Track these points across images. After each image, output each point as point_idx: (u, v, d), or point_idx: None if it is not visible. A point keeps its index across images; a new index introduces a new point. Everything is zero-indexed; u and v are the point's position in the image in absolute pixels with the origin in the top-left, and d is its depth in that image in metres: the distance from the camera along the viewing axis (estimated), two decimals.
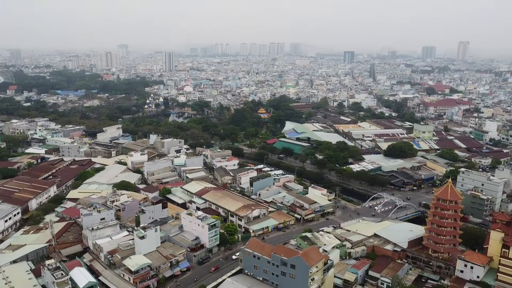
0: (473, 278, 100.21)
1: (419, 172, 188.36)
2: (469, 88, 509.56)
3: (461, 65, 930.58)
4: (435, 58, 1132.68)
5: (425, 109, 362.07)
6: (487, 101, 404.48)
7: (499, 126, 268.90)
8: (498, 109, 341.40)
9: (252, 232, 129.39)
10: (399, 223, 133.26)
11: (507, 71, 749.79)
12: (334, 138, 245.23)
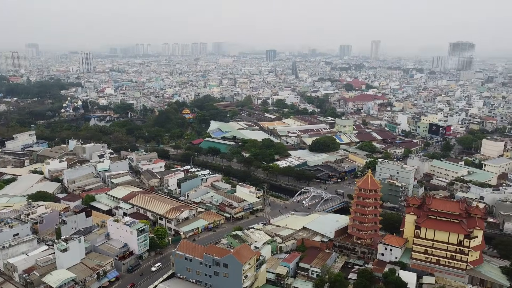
0: (392, 259, 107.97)
1: (342, 164, 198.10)
2: (382, 84, 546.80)
3: (375, 63, 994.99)
4: (351, 56, 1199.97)
5: (345, 104, 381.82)
6: (398, 95, 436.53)
7: (409, 118, 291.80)
8: (407, 103, 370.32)
9: (183, 234, 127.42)
10: (326, 215, 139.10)
11: (413, 68, 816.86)
12: (260, 135, 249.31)
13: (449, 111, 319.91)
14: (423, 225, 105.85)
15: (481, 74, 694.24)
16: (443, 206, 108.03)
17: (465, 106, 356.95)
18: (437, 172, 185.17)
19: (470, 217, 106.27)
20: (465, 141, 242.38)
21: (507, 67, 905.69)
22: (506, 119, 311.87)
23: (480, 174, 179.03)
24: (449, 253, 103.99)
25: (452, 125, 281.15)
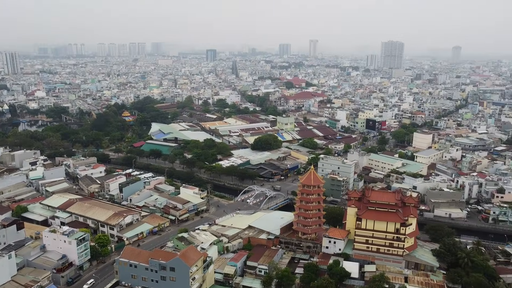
0: (336, 251, 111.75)
1: (285, 162, 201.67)
2: (321, 82, 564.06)
3: (313, 61, 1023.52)
4: (291, 55, 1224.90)
5: (285, 102, 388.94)
6: (336, 92, 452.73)
7: (347, 114, 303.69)
8: (345, 99, 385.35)
9: (126, 240, 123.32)
10: (271, 212, 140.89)
11: (349, 66, 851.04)
12: (202, 136, 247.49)
13: (384, 107, 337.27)
14: (363, 216, 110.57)
15: (410, 72, 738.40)
16: (381, 197, 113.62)
17: (398, 102, 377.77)
18: (374, 165, 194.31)
19: (405, 206, 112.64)
20: (399, 135, 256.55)
21: (432, 65, 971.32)
22: (433, 113, 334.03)
23: (413, 165, 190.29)
24: (388, 241, 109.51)
25: (387, 120, 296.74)
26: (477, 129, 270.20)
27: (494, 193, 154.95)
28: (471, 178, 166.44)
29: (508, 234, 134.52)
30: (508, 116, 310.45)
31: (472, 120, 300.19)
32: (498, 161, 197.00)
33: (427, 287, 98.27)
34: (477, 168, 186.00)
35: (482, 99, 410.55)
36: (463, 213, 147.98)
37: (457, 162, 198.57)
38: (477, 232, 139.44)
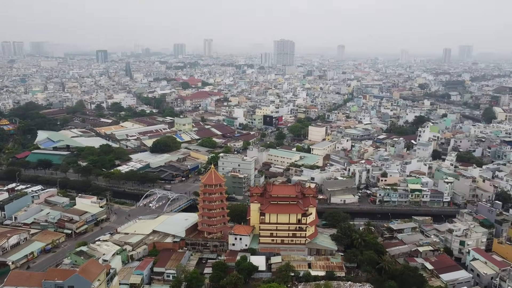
0: (243, 247, 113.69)
1: (185, 163, 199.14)
2: (217, 80, 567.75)
3: (209, 60, 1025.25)
4: (186, 55, 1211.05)
5: (182, 103, 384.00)
6: (233, 91, 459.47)
7: (245, 112, 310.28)
8: (242, 97, 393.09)
9: (12, 264, 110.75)
10: (175, 215, 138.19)
11: (244, 64, 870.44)
12: (97, 142, 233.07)
13: (279, 103, 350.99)
14: (266, 211, 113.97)
15: (302, 69, 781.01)
16: (282, 191, 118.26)
17: (292, 97, 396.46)
18: (274, 160, 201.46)
19: (305, 197, 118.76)
20: (295, 129, 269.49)
21: (321, 62, 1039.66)
22: (325, 107, 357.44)
23: (310, 158, 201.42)
24: (291, 232, 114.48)
25: (283, 115, 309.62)
26: (362, 120, 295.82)
27: (379, 177, 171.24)
28: (360, 166, 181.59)
29: (391, 213, 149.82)
30: (386, 108, 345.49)
31: (358, 112, 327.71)
32: (381, 148, 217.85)
33: (328, 269, 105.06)
34: (365, 156, 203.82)
35: (365, 93, 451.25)
36: (355, 198, 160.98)
37: (348, 152, 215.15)
38: (367, 214, 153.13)
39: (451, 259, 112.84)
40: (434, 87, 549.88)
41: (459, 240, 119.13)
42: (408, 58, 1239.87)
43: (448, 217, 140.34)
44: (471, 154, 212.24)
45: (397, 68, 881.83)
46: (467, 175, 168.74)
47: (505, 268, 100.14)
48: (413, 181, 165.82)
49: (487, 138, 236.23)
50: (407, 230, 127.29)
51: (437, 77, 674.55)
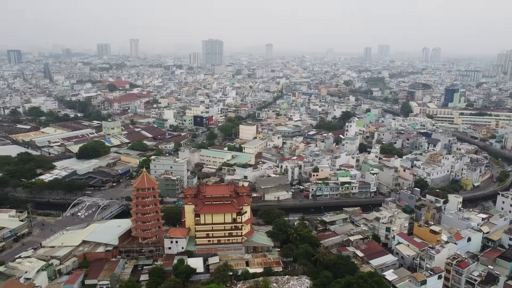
0: (180, 250, 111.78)
1: (115, 168, 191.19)
2: (146, 82, 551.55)
3: (136, 61, 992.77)
4: (111, 56, 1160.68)
5: (110, 106, 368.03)
6: (162, 92, 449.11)
7: (175, 113, 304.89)
8: (171, 98, 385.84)
9: None
10: (106, 222, 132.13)
11: (173, 65, 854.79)
12: (14, 150, 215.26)
13: (209, 103, 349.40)
14: (201, 212, 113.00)
15: (231, 68, 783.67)
16: (216, 191, 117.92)
17: (222, 97, 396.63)
18: (206, 160, 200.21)
19: (239, 196, 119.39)
20: (226, 129, 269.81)
21: (249, 61, 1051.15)
22: (255, 105, 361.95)
23: (242, 156, 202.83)
24: (227, 232, 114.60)
25: (214, 115, 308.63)
26: (292, 117, 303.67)
27: (311, 173, 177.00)
28: (292, 162, 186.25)
29: (324, 206, 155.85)
30: (315, 104, 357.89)
31: (288, 110, 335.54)
32: (311, 144, 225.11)
33: (266, 265, 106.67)
34: (296, 152, 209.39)
35: (294, 90, 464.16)
36: (289, 194, 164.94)
37: (280, 149, 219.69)
38: (301, 209, 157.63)
39: (379, 245, 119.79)
40: (358, 83, 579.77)
41: (385, 227, 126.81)
42: (333, 56, 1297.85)
43: (375, 206, 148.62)
44: (392, 146, 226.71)
45: (324, 66, 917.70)
46: (390, 166, 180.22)
47: (423, 248, 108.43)
48: (343, 174, 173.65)
49: (405, 131, 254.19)
50: (339, 221, 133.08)
51: (360, 74, 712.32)
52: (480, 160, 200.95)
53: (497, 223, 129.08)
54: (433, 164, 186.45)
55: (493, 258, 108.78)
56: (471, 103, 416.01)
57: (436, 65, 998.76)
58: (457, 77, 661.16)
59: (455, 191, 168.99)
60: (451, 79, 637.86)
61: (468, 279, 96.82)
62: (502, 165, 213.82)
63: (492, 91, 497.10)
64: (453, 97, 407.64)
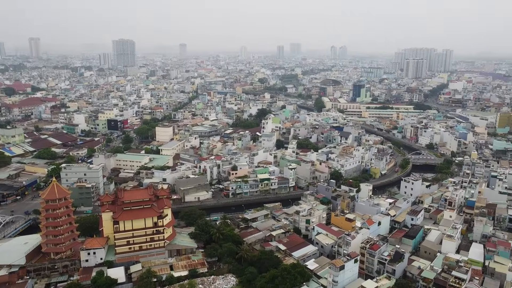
0: (98, 261, 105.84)
1: (19, 179, 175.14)
2: (51, 85, 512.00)
3: (38, 62, 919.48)
4: (7, 56, 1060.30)
5: (9, 112, 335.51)
6: (70, 95, 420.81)
7: (86, 117, 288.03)
8: (82, 102, 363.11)
9: None
10: (10, 241, 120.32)
11: (81, 66, 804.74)
12: None
13: (124, 106, 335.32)
14: (120, 218, 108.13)
15: (144, 69, 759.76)
16: (134, 196, 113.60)
17: (136, 99, 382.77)
18: (123, 165, 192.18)
19: (158, 199, 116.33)
20: (142, 131, 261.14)
21: (163, 61, 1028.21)
22: (170, 106, 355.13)
23: (159, 159, 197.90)
24: (148, 237, 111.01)
25: (128, 118, 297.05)
26: (209, 117, 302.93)
27: (230, 171, 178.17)
28: (210, 162, 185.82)
29: (245, 204, 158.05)
30: (231, 103, 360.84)
31: (204, 109, 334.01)
32: (228, 143, 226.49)
33: (191, 268, 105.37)
34: (214, 151, 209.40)
35: (209, 90, 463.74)
36: (209, 194, 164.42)
37: (197, 149, 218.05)
38: (222, 208, 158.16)
39: (300, 237, 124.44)
40: (272, 81, 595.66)
41: (305, 219, 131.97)
42: (248, 55, 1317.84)
43: (294, 200, 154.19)
44: (308, 140, 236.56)
45: (238, 64, 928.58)
46: (307, 160, 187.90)
47: (340, 236, 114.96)
48: (262, 171, 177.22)
49: (319, 125, 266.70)
50: (260, 218, 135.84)
51: (274, 71, 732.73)
52: (386, 150, 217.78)
53: (402, 206, 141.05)
54: (345, 156, 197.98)
55: (399, 238, 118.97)
56: (376, 98, 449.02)
57: (344, 62, 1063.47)
58: (362, 74, 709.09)
59: (366, 180, 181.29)
60: (358, 76, 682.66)
61: (380, 259, 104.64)
62: (403, 153, 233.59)
63: (392, 86, 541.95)
64: (360, 92, 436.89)
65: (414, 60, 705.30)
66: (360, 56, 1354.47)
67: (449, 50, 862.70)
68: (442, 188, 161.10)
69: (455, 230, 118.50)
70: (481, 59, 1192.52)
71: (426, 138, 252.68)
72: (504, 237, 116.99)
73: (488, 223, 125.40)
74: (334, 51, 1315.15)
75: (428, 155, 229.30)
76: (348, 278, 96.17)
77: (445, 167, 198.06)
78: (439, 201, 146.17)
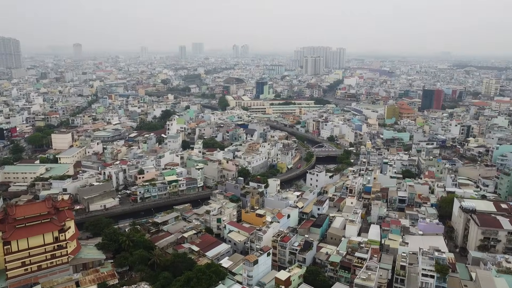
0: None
1: None
2: None
3: None
4: None
5: None
6: None
7: None
8: None
9: None
10: None
11: None
12: None
13: (10, 112, 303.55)
14: (11, 238, 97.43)
15: (33, 71, 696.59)
16: (29, 211, 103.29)
17: (26, 104, 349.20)
18: (13, 178, 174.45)
19: (59, 211, 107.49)
20: (35, 140, 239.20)
21: (56, 63, 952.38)
22: (68, 111, 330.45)
23: (58, 168, 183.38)
24: (49, 254, 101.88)
25: (17, 125, 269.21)
26: (111, 120, 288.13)
27: (137, 176, 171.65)
28: (115, 167, 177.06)
29: (154, 207, 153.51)
30: (134, 106, 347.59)
31: (106, 113, 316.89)
32: (134, 146, 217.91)
33: (100, 281, 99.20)
34: (119, 156, 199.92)
35: (110, 93, 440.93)
36: (116, 200, 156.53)
37: (101, 155, 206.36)
38: (131, 214, 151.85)
39: (213, 237, 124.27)
40: (175, 81, 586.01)
41: (216, 218, 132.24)
42: (149, 56, 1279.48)
43: (204, 200, 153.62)
44: (214, 139, 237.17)
45: (139, 65, 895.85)
46: (214, 159, 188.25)
47: (252, 232, 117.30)
48: (169, 173, 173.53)
49: (225, 124, 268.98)
50: (171, 220, 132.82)
51: (177, 72, 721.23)
52: (291, 144, 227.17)
53: (308, 198, 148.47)
54: (252, 153, 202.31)
55: (307, 228, 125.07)
56: (278, 94, 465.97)
57: (246, 60, 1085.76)
58: (264, 71, 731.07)
59: (273, 175, 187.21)
60: (260, 73, 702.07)
61: (291, 250, 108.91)
62: (307, 147, 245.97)
63: (294, 82, 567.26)
64: (263, 89, 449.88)
65: (312, 57, 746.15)
66: (262, 54, 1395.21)
67: (342, 49, 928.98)
68: (344, 177, 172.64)
69: (356, 215, 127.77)
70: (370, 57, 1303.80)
71: (327, 131, 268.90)
72: (395, 217, 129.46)
73: (382, 205, 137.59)
74: (237, 50, 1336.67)
75: (329, 147, 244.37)
76: (262, 271, 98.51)
77: (345, 157, 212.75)
78: (341, 189, 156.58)
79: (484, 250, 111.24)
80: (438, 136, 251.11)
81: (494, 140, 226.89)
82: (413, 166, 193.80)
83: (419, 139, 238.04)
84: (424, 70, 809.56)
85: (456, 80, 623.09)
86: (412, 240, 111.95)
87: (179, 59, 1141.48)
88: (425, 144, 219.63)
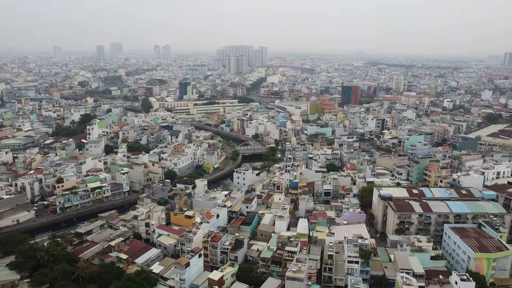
0: None
1: None
2: None
3: None
4: None
5: None
6: None
7: None
8: None
9: None
10: None
11: None
12: None
13: None
14: None
15: None
16: None
17: None
18: None
19: None
20: None
21: None
22: None
23: None
24: None
25: None
26: (22, 127, 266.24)
27: (55, 185, 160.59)
28: (29, 177, 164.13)
29: (76, 217, 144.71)
30: (48, 110, 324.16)
31: (15, 119, 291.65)
32: (50, 153, 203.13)
33: None
34: (33, 165, 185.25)
35: (19, 97, 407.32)
36: (32, 213, 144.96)
37: (11, 165, 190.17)
38: (50, 226, 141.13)
39: (142, 242, 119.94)
40: (94, 84, 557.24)
41: (144, 223, 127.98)
42: (63, 56, 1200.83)
43: (131, 205, 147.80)
44: (138, 142, 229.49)
45: (52, 67, 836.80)
46: (139, 163, 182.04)
47: (182, 234, 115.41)
48: (92, 180, 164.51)
49: (149, 126, 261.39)
50: (96, 229, 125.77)
51: (96, 73, 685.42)
52: (216, 144, 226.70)
53: (236, 196, 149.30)
54: (178, 154, 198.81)
55: (237, 226, 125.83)
56: (202, 94, 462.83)
57: (168, 61, 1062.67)
58: (187, 72, 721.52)
59: (200, 175, 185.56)
60: (183, 74, 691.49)
61: (222, 249, 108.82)
62: (233, 145, 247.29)
63: (217, 82, 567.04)
64: (187, 90, 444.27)
65: (234, 56, 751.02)
66: (184, 55, 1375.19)
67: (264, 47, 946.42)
68: (270, 174, 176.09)
69: (284, 211, 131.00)
70: (291, 55, 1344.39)
71: (252, 129, 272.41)
72: (322, 209, 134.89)
73: (309, 199, 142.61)
74: (158, 50, 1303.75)
75: (255, 145, 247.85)
76: (194, 273, 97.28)
77: (271, 154, 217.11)
78: (269, 186, 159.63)
79: (400, 233, 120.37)
80: (357, 130, 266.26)
81: (405, 132, 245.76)
82: (336, 160, 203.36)
83: (341, 134, 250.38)
84: (342, 68, 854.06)
85: (370, 77, 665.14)
86: (337, 230, 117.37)
87: (97, 59, 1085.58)
88: (346, 138, 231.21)
